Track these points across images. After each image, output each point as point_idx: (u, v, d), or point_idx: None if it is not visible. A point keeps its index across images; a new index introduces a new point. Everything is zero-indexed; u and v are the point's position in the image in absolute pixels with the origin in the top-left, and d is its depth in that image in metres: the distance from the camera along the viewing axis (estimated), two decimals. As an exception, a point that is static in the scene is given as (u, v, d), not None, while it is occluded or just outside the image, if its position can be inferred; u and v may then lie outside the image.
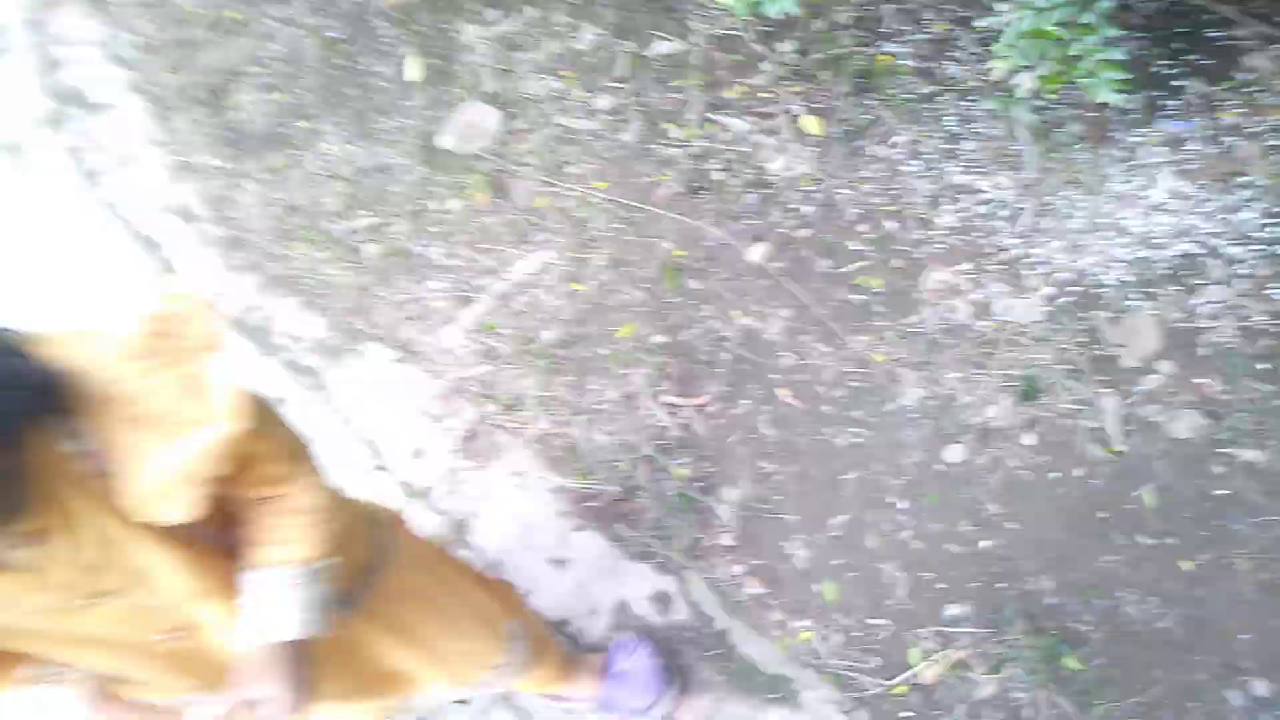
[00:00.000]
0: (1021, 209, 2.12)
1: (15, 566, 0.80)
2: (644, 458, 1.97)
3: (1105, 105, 2.10)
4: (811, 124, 2.35)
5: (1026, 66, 2.02)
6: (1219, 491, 1.67)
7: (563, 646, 1.69)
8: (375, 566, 1.19)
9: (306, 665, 0.98)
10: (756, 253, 2.19)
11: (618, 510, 1.93)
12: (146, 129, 2.84)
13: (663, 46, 2.60)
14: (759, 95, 2.44)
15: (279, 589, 0.95)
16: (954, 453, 1.87)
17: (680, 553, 1.86)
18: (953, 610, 1.73)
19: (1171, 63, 2.10)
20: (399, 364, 2.19)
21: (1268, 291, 1.82)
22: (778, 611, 1.79)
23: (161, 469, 0.80)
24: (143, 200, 2.68)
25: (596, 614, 1.80)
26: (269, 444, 0.93)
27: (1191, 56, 2.09)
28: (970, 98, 2.30)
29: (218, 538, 0.97)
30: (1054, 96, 2.08)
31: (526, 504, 1.95)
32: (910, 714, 1.65)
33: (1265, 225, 1.87)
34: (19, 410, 0.75)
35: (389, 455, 2.07)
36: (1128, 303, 1.92)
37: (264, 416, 0.95)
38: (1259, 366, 1.76)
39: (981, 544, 1.77)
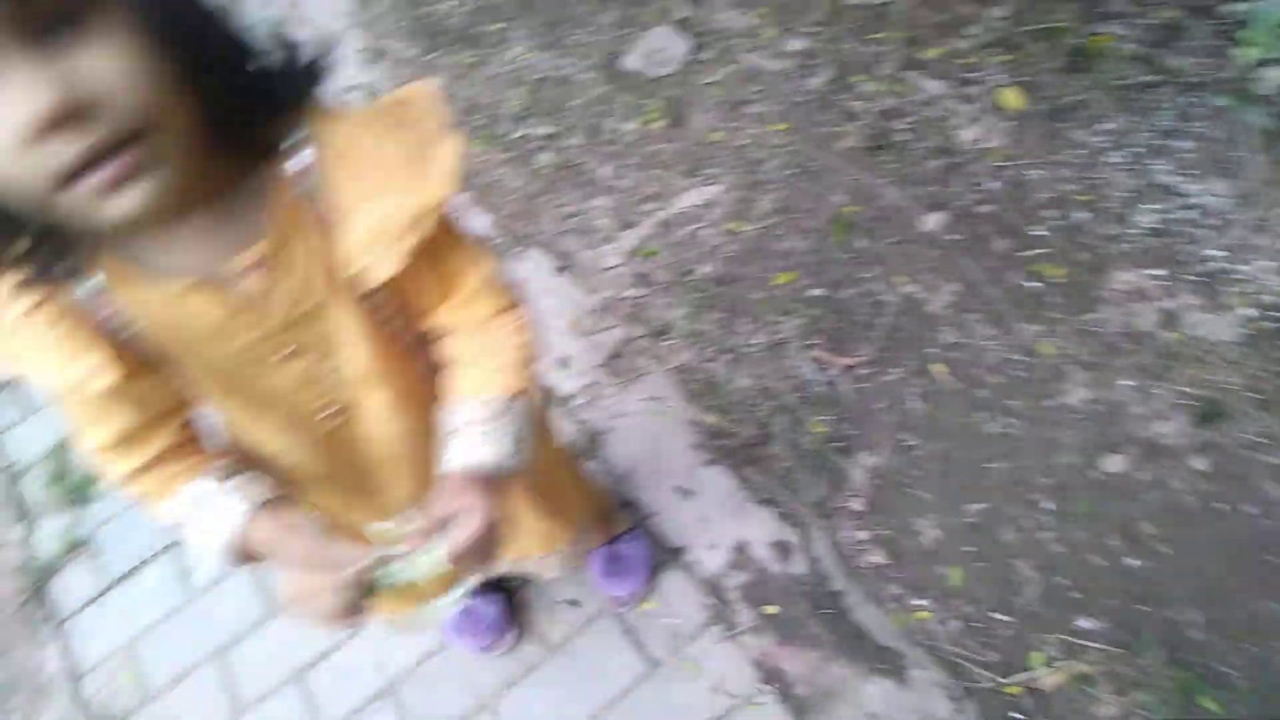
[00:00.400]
0: (1232, 220, 1.88)
1: (237, 295, 0.77)
2: (784, 407, 1.85)
3: (1355, 121, 1.83)
4: (1012, 97, 2.15)
5: (1275, 60, 1.77)
6: None
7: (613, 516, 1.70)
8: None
9: (509, 497, 0.91)
10: (932, 221, 2.02)
11: (750, 454, 1.83)
12: (348, 9, 2.82)
13: (867, -5, 2.41)
14: (960, 59, 2.24)
15: (488, 417, 0.87)
16: (1113, 463, 1.70)
17: (807, 507, 1.75)
18: (1085, 623, 1.58)
19: None
20: (556, 273, 2.12)
21: None
22: (897, 585, 1.67)
23: (377, 220, 0.75)
24: (336, 77, 2.66)
25: (715, 549, 1.72)
26: (481, 267, 0.87)
27: None
28: (1193, 93, 2.05)
29: (411, 346, 0.92)
30: (1300, 102, 1.83)
31: (661, 429, 1.87)
32: (1021, 716, 1.52)
33: None
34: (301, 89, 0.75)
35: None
36: (1340, 339, 1.69)
37: (483, 249, 0.90)
38: None
39: (1128, 561, 1.61)
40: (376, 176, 0.75)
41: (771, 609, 1.66)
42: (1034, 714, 1.52)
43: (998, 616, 1.61)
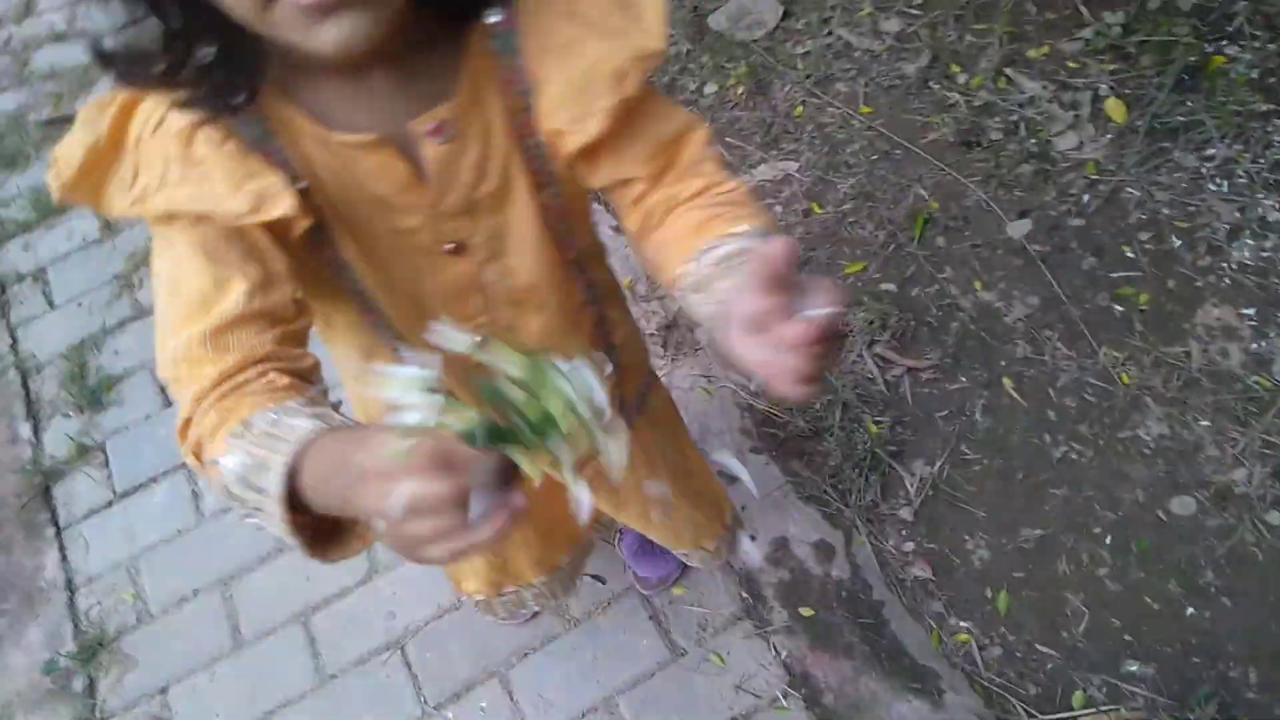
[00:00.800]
0: (1338, 267, 1.82)
1: (415, 162, 0.70)
2: (840, 403, 1.80)
3: None
4: (1116, 109, 2.07)
5: None
6: None
7: None
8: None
9: None
10: (1018, 228, 1.96)
11: (800, 446, 1.78)
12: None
13: (973, -17, 2.32)
14: (1066, 63, 2.17)
15: (748, 241, 0.69)
16: (1182, 505, 1.65)
17: (854, 510, 1.71)
18: (1134, 667, 1.53)
19: None
20: (613, 233, 2.07)
21: None
22: (940, 603, 1.63)
23: (579, 73, 0.68)
24: None
25: (754, 542, 1.68)
26: (700, 131, 0.78)
27: None
28: (1312, 129, 1.97)
29: (576, 263, 0.85)
30: None
31: (708, 410, 1.82)
32: (1056, 756, 1.49)
33: None
34: None
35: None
36: None
37: (696, 114, 0.82)
38: None
39: (1185, 609, 1.56)
40: (578, 28, 0.68)
41: (807, 611, 1.62)
42: (1071, 755, 1.48)
43: (1042, 649, 1.57)
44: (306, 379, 0.69)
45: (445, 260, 0.78)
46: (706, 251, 0.69)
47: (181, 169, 0.62)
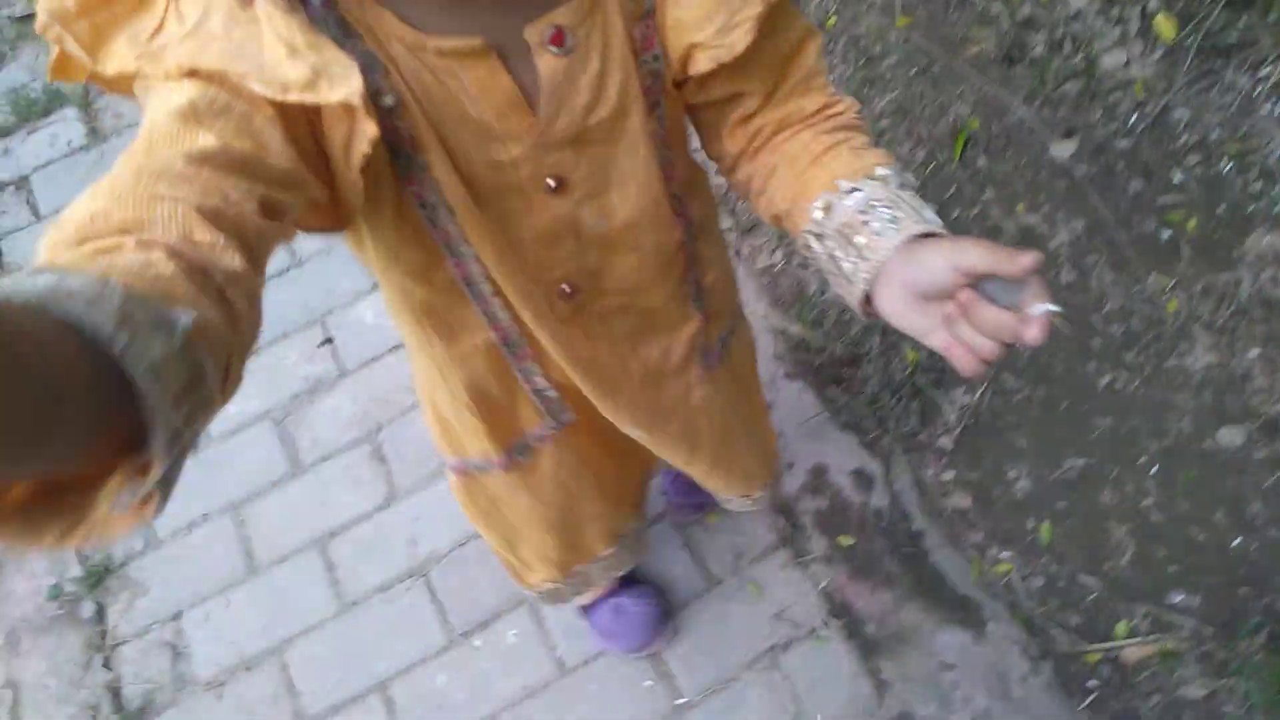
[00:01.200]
0: (1394, 194, 1.75)
1: (529, 81, 0.60)
2: (877, 328, 1.73)
3: None
4: (1166, 26, 1.96)
5: None
6: None
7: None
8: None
9: None
10: (1063, 149, 1.86)
11: (836, 373, 1.70)
12: None
13: (1018, -112, 2.17)
14: (1114, -25, 2.04)
15: (896, 190, 0.61)
16: (1230, 435, 1.59)
17: (893, 438, 1.64)
18: (1179, 598, 1.50)
19: None
20: (640, 147, 1.95)
21: None
22: (980, 533, 1.58)
23: None
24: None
25: (793, 470, 1.61)
26: (816, 40, 0.69)
27: None
28: (1371, 50, 1.88)
29: (676, 197, 0.74)
30: None
31: (742, 335, 1.74)
32: (1098, 684, 1.46)
33: None
34: None
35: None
36: None
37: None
38: None
39: (1233, 541, 1.52)
40: None
41: (846, 540, 1.56)
42: (1114, 685, 1.45)
43: (1085, 580, 1.53)
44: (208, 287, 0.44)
45: (543, 199, 0.66)
46: (847, 194, 0.62)
47: (227, 22, 0.49)
